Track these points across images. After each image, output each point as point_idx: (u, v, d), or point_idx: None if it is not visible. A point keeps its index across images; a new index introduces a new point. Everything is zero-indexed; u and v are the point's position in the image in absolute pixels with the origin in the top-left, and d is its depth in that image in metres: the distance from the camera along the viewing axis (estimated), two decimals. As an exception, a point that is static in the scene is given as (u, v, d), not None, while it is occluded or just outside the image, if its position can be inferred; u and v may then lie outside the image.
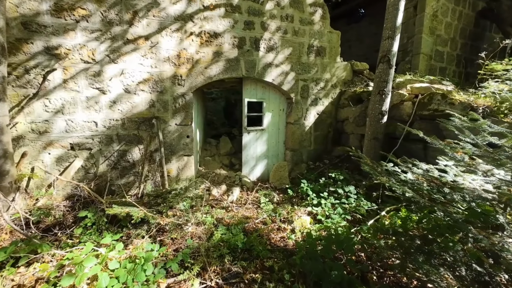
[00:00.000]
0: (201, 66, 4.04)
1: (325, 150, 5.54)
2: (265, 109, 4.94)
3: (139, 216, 2.50)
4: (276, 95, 5.00)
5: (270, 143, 5.11)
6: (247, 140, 4.89)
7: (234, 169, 5.19)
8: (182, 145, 4.09)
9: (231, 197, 4.09)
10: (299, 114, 5.06)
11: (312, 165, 5.15)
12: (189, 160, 4.19)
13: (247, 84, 4.72)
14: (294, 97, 4.95)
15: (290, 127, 5.08)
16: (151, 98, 3.78)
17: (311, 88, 5.10)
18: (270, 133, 5.08)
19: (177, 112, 3.97)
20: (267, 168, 5.20)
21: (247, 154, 4.93)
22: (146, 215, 2.55)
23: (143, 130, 3.79)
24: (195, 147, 4.50)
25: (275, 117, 5.08)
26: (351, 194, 3.50)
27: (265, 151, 5.10)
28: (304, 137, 5.21)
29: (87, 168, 3.58)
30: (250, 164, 5.00)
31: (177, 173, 4.14)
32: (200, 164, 5.04)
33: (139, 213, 2.51)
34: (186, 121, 4.06)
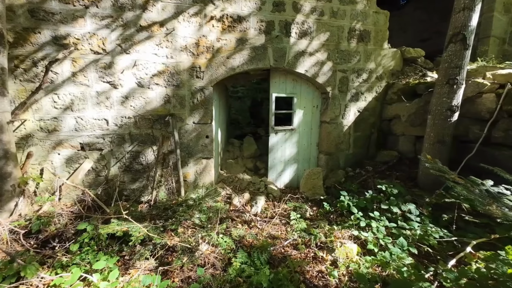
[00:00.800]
0: (223, 55, 3.47)
1: (366, 155, 4.64)
2: (296, 105, 4.23)
3: (139, 236, 2.00)
4: (309, 90, 4.26)
5: (300, 145, 4.39)
6: (274, 142, 4.23)
7: (259, 174, 4.56)
8: (200, 146, 3.57)
9: (255, 208, 3.46)
10: (336, 112, 4.25)
11: (351, 172, 4.30)
12: (208, 163, 3.66)
13: (276, 76, 4.05)
14: (331, 91, 4.15)
15: (325, 127, 4.29)
16: (166, 93, 3.31)
17: (352, 80, 4.25)
18: (301, 134, 4.35)
19: (195, 109, 3.45)
20: (297, 174, 4.48)
21: (274, 157, 4.26)
22: (148, 235, 2.04)
23: (157, 129, 3.34)
24: (216, 148, 3.97)
25: (307, 115, 4.33)
26: (411, 215, 2.63)
27: (294, 155, 4.39)
28: (341, 139, 4.38)
29: (98, 171, 3.23)
30: (277, 168, 4.33)
31: (194, 177, 3.63)
32: (222, 167, 4.51)
33: (140, 232, 2.00)
34: (206, 119, 3.53)
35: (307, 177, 3.95)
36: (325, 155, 4.36)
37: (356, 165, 4.52)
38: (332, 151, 4.35)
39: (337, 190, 3.88)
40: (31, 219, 2.52)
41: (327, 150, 4.32)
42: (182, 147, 3.47)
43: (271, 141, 4.20)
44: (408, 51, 4.49)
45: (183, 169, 3.52)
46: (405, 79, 4.40)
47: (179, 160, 3.39)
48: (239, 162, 4.59)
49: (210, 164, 3.66)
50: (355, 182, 3.88)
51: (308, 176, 3.94)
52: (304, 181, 3.97)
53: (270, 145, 4.21)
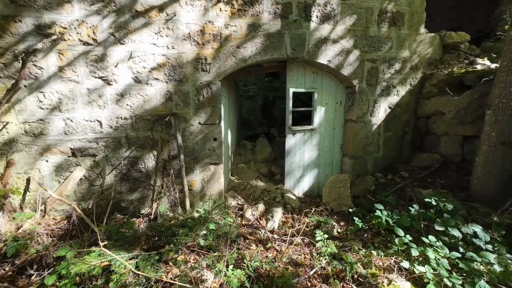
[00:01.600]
0: (232, 44, 2.95)
1: (398, 158, 3.97)
2: (317, 102, 3.64)
3: (123, 273, 1.52)
4: (331, 83, 3.65)
5: (322, 148, 3.79)
6: (292, 144, 3.66)
7: (274, 180, 4.00)
8: (207, 150, 3.07)
9: (271, 224, 2.91)
10: (363, 109, 3.62)
11: (382, 179, 3.65)
12: (216, 170, 3.15)
13: (293, 68, 3.48)
14: (358, 84, 3.53)
15: (351, 126, 3.67)
16: (167, 90, 2.83)
17: (382, 71, 3.61)
18: (323, 135, 3.75)
19: (201, 107, 2.95)
20: (318, 181, 3.88)
21: (291, 161, 3.70)
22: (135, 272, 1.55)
23: (158, 131, 2.87)
24: (225, 152, 3.47)
25: (329, 113, 3.73)
26: (480, 240, 1.99)
27: (315, 158, 3.80)
28: (369, 140, 3.74)
29: (91, 180, 2.80)
30: (295, 174, 3.76)
31: (201, 186, 3.13)
32: (232, 173, 3.99)
33: (124, 269, 1.51)
34: (213, 119, 3.02)
35: (331, 185, 3.35)
36: (350, 159, 3.74)
37: (386, 170, 3.86)
38: (359, 154, 3.72)
39: (367, 201, 3.26)
40: (7, 240, 2.11)
41: (353, 153, 3.69)
42: (186, 152, 2.98)
43: (288, 143, 3.64)
44: (449, 36, 3.78)
45: (188, 176, 3.04)
46: (446, 68, 3.70)
47: (183, 167, 2.90)
48: (251, 166, 4.06)
49: (219, 170, 3.15)
50: (389, 191, 3.24)
51: (332, 184, 3.34)
52: (327, 190, 3.37)
53: (287, 148, 3.64)
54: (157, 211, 2.73)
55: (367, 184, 3.57)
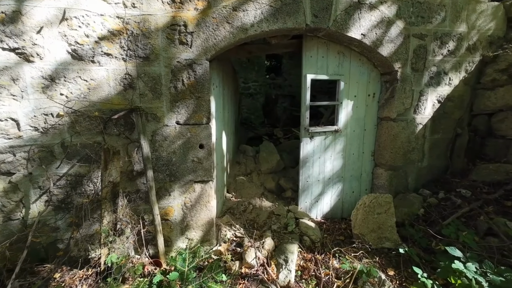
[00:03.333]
0: (226, 4, 1.93)
1: (448, 169, 2.95)
2: (343, 94, 2.62)
3: None
4: (362, 69, 2.64)
5: (348, 155, 2.77)
6: (309, 151, 2.64)
7: (283, 198, 2.98)
8: (190, 162, 2.05)
9: (285, 274, 1.89)
10: (406, 103, 2.60)
11: (432, 198, 2.63)
12: (204, 190, 2.13)
13: (312, 46, 2.45)
14: (400, 69, 2.51)
15: (389, 127, 2.65)
16: (126, 71, 1.81)
17: (432, 52, 2.59)
18: (350, 138, 2.74)
19: (179, 99, 1.94)
20: (342, 199, 2.87)
21: (308, 174, 2.68)
22: None
23: (113, 134, 1.85)
24: (219, 163, 2.45)
25: (359, 109, 2.71)
26: None
27: (339, 170, 2.78)
28: (412, 145, 2.73)
29: (8, 212, 1.79)
30: (312, 191, 2.74)
31: (182, 214, 2.11)
32: (229, 189, 2.97)
33: None
34: (198, 117, 2.01)
35: (366, 210, 2.32)
36: (387, 170, 2.72)
37: (432, 185, 2.84)
38: (398, 164, 2.70)
39: (418, 233, 2.25)
40: None
41: (391, 162, 2.68)
42: (158, 166, 1.96)
43: (303, 150, 2.61)
44: (520, 5, 2.76)
45: (162, 201, 2.02)
46: None
47: (152, 189, 1.88)
48: (254, 179, 3.04)
49: (208, 191, 2.13)
50: (455, 223, 2.21)
51: (368, 208, 2.32)
52: (360, 216, 2.34)
53: (302, 157, 2.62)
54: (107, 262, 1.70)
55: (412, 206, 2.54)
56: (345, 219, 2.86)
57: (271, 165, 3.01)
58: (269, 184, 2.95)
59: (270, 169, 3.01)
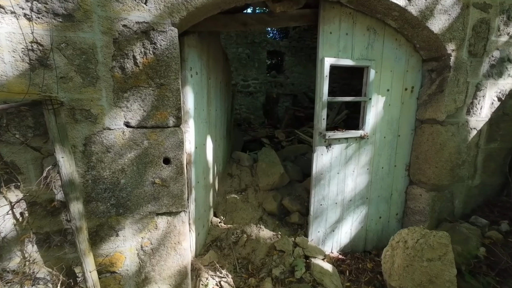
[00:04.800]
0: None
1: (505, 189, 2.21)
2: (372, 87, 1.88)
3: None
4: (399, 52, 1.89)
5: (376, 170, 2.03)
6: (325, 164, 1.90)
7: (287, 223, 2.22)
8: (149, 186, 1.32)
9: None
10: (459, 100, 1.86)
11: (494, 232, 1.87)
12: (172, 225, 1.40)
13: (332, 17, 1.70)
14: (454, 53, 1.77)
15: (434, 132, 1.91)
16: (32, 38, 1.08)
17: (496, 30, 1.84)
18: (379, 147, 2.00)
19: (129, 87, 1.20)
20: (365, 227, 2.13)
21: (323, 194, 1.94)
22: None
23: (13, 143, 1.13)
24: (200, 180, 1.71)
25: (392, 108, 1.97)
26: None
27: (363, 188, 2.04)
28: (462, 156, 1.98)
29: None
30: (327, 217, 2.01)
31: (137, 263, 1.38)
32: (217, 211, 2.22)
33: None
34: (161, 116, 1.27)
35: (409, 253, 1.57)
36: (429, 191, 1.97)
37: (487, 210, 2.10)
38: (444, 183, 1.96)
39: (484, 286, 1.51)
40: None
41: (435, 181, 1.93)
42: (98, 191, 1.22)
43: (317, 162, 1.87)
44: None
45: (104, 246, 1.28)
46: None
47: (82, 231, 1.14)
48: (249, 198, 2.29)
49: (178, 226, 1.40)
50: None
51: (412, 252, 1.57)
52: (400, 260, 1.59)
53: (315, 172, 1.88)
54: None
55: (468, 242, 1.79)
56: (368, 253, 2.13)
57: (272, 179, 2.27)
58: (270, 205, 2.21)
59: (271, 185, 2.27)
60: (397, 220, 2.18)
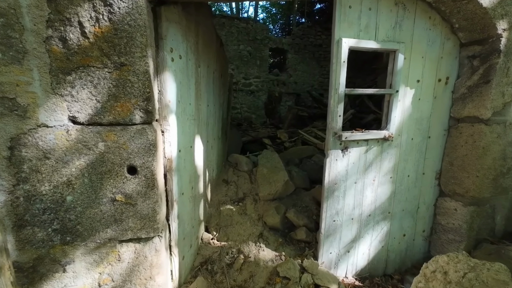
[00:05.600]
0: None
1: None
2: (400, 76, 1.51)
3: None
4: (432, 34, 1.52)
5: (401, 178, 1.66)
6: (339, 171, 1.53)
7: (292, 240, 1.85)
8: (108, 204, 0.96)
9: None
10: (507, 93, 1.48)
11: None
12: (141, 255, 1.05)
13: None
14: (506, 33, 1.40)
15: (474, 133, 1.53)
16: None
17: (555, 6, 1.47)
18: (405, 150, 1.63)
19: (75, 67, 0.86)
20: (387, 247, 1.75)
21: (336, 208, 1.58)
22: None
23: None
24: (185, 191, 1.35)
25: (422, 103, 1.60)
26: None
27: (385, 200, 1.68)
28: (508, 163, 1.61)
29: None
30: (342, 235, 1.64)
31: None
32: (209, 225, 1.85)
33: None
34: (123, 109, 0.92)
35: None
36: (467, 206, 1.60)
37: (535, 227, 1.73)
38: (485, 195, 1.59)
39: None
40: None
41: (475, 192, 1.56)
42: (34, 212, 0.87)
43: (331, 169, 1.50)
44: None
45: (46, 285, 0.94)
46: None
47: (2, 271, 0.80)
48: (248, 209, 1.93)
49: (150, 256, 1.04)
50: None
51: (455, 287, 1.21)
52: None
53: (327, 182, 1.51)
54: None
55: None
56: (390, 277, 1.76)
57: (275, 188, 1.91)
58: (271, 218, 1.84)
59: (273, 194, 1.91)
60: (423, 238, 1.80)
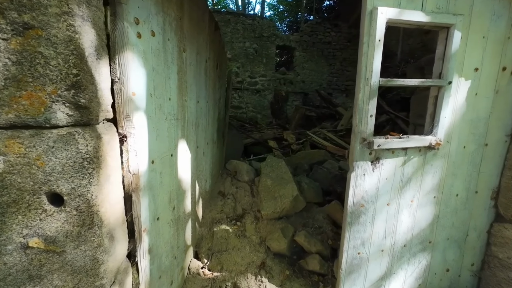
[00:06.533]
0: None
1: None
2: (453, 62, 1.12)
3: None
4: (498, 6, 1.11)
5: (447, 198, 1.26)
6: (368, 190, 1.13)
7: (302, 270, 1.48)
8: (15, 255, 0.61)
9: None
10: None
11: None
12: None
13: None
14: None
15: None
16: None
17: None
18: (454, 162, 1.21)
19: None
20: (425, 286, 1.36)
21: (361, 237, 1.18)
22: None
23: None
24: (160, 215, 1.00)
25: (478, 101, 1.18)
26: None
27: (425, 227, 1.28)
28: None
29: None
30: (367, 271, 1.25)
31: None
32: (200, 248, 1.50)
33: None
34: (34, 102, 0.57)
35: None
36: (538, 237, 1.19)
37: None
38: None
39: None
40: None
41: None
42: None
43: (356, 187, 1.10)
44: None
45: None
46: None
47: None
48: (248, 230, 1.55)
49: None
50: None
51: None
52: None
53: (351, 203, 1.12)
54: None
55: None
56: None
57: (282, 205, 1.52)
58: (277, 242, 1.47)
59: (279, 212, 1.52)
60: (472, 274, 1.38)
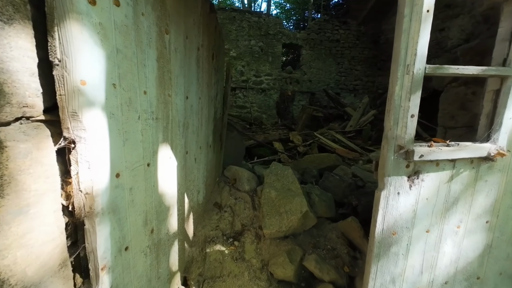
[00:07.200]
0: None
1: None
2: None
3: None
4: None
5: (502, 222, 0.95)
6: (403, 212, 0.84)
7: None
8: None
9: None
10: None
11: None
12: None
13: None
14: None
15: None
16: None
17: None
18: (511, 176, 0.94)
19: None
20: (471, 331, 1.08)
21: (391, 272, 0.90)
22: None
23: None
24: (123, 251, 0.75)
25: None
26: None
27: (474, 259, 1.00)
28: None
29: None
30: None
31: None
32: (190, 273, 1.25)
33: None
34: None
35: None
36: None
37: None
38: None
39: None
40: None
41: None
42: None
43: (388, 209, 0.83)
44: None
45: None
46: None
47: None
48: (247, 251, 1.30)
49: None
50: None
51: None
52: None
53: (380, 229, 0.84)
54: None
55: None
56: None
57: (288, 222, 1.25)
58: (282, 268, 1.21)
59: (285, 231, 1.25)
60: (529, 317, 1.09)
